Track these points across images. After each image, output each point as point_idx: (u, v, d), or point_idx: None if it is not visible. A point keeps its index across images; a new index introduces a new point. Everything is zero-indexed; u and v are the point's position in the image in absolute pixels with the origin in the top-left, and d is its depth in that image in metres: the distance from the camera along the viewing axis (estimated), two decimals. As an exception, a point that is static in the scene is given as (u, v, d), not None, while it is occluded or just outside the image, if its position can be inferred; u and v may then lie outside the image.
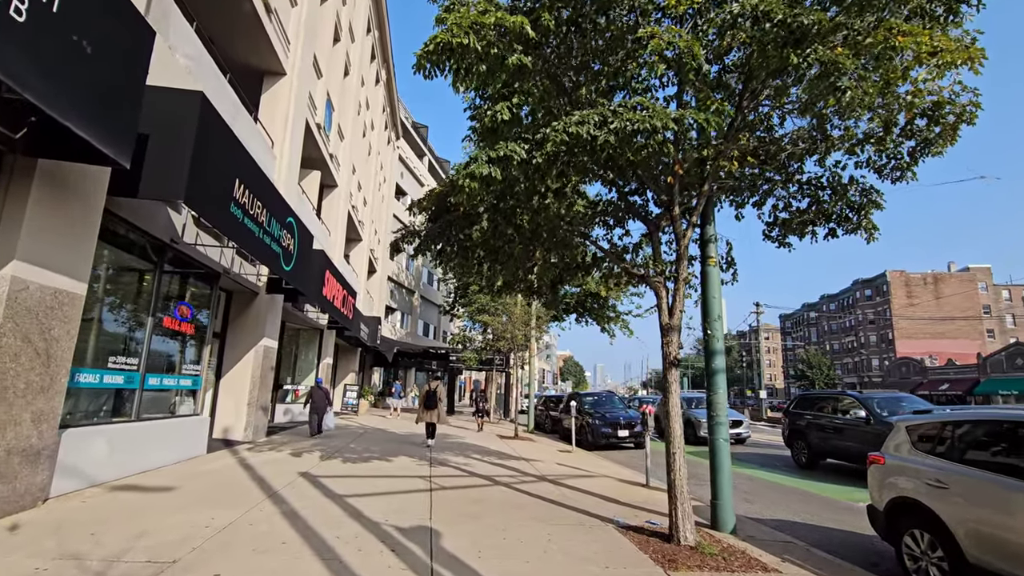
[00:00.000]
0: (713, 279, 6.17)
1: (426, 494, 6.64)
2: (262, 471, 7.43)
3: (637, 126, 4.02)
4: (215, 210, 6.38)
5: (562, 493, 7.31)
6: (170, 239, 7.31)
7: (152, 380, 7.25)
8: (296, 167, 12.44)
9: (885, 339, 65.63)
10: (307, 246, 10.80)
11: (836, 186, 6.09)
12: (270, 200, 8.35)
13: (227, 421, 10.43)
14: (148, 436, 7.02)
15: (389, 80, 28.83)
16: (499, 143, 4.86)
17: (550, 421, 20.37)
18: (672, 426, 5.24)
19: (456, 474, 8.40)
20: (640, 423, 14.89)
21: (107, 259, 6.34)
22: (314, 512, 5.33)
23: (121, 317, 6.79)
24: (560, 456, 11.90)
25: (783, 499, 8.29)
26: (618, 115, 4.15)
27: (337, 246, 18.22)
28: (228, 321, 10.84)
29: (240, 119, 9.15)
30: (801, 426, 11.60)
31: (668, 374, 5.37)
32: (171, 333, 7.90)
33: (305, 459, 8.84)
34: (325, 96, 15.46)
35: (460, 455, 10.69)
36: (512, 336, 16.94)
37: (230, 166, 6.79)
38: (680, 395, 5.48)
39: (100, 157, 4.40)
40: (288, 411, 15.89)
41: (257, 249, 8.01)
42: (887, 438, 5.27)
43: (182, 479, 6.52)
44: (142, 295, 7.11)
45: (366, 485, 7.00)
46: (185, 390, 8.37)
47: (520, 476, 8.60)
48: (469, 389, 55.84)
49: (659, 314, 5.56)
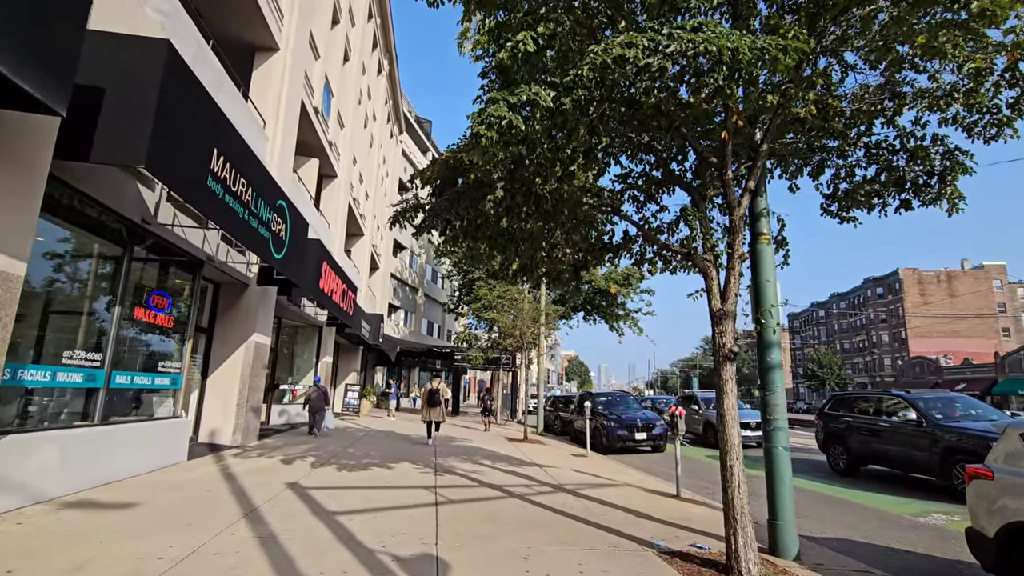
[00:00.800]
0: (766, 259, 5.25)
1: (431, 510, 5.75)
2: (245, 481, 6.55)
3: (703, 47, 3.11)
4: (187, 182, 5.50)
5: (585, 507, 6.41)
6: (141, 218, 6.45)
7: (120, 378, 6.39)
8: (291, 151, 11.58)
9: (898, 338, 64.34)
10: (301, 234, 9.93)
11: (914, 148, 5.16)
12: (257, 179, 7.49)
13: (214, 424, 9.57)
14: (114, 442, 6.15)
15: (392, 71, 28.00)
16: (520, 87, 3.96)
17: (560, 422, 19.46)
18: (729, 433, 4.33)
19: (464, 483, 7.51)
20: (659, 425, 13.97)
21: (61, 238, 5.49)
22: (297, 536, 4.45)
23: (80, 306, 5.92)
24: (575, 461, 10.99)
25: (833, 512, 7.36)
26: (676, 37, 3.24)
27: (337, 239, 17.37)
28: (216, 315, 9.99)
29: (225, 91, 8.29)
30: (838, 429, 10.64)
31: (722, 369, 4.45)
32: (145, 326, 7.05)
33: (296, 467, 7.97)
34: (323, 80, 14.61)
35: (467, 461, 9.80)
36: (521, 333, 16.02)
37: (206, 134, 5.93)
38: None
39: (26, 99, 3.53)
40: (284, 412, 15.03)
41: (242, 232, 7.14)
42: (994, 447, 4.35)
43: (149, 492, 5.65)
44: (107, 281, 6.24)
45: (362, 498, 6.12)
46: (162, 390, 7.51)
47: (535, 486, 7.70)
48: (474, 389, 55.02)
49: (709, 299, 4.65)
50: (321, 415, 13.16)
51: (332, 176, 17.27)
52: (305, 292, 11.83)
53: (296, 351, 16.94)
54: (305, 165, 14.94)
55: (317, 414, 12.98)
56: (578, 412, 16.35)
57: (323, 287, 12.10)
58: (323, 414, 13.33)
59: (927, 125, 5.07)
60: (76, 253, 5.81)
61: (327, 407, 13.86)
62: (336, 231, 17.37)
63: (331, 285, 12.88)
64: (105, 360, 6.03)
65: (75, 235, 5.70)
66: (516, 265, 6.20)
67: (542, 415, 18.95)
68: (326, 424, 13.79)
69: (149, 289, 7.12)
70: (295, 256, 9.47)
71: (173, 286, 7.75)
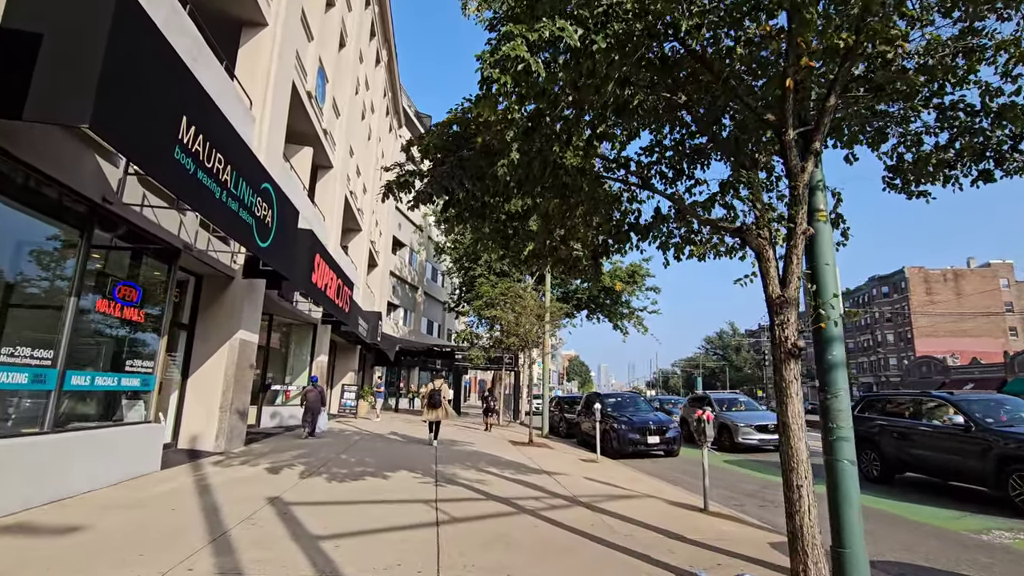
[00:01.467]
0: (824, 240, 4.46)
1: (431, 530, 4.98)
2: (221, 496, 5.78)
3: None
4: (148, 151, 4.73)
5: (608, 526, 5.63)
6: (102, 198, 5.67)
7: (78, 379, 5.61)
8: (280, 134, 10.81)
9: (903, 337, 63.58)
10: (290, 222, 9.16)
11: (1000, 109, 4.38)
12: (238, 157, 6.72)
13: (195, 428, 8.80)
14: (68, 452, 5.38)
15: (391, 62, 27.22)
16: (542, 22, 3.20)
17: (565, 424, 18.68)
18: (795, 446, 3.56)
19: (469, 496, 6.74)
20: (673, 428, 13.20)
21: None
22: (269, 572, 3.68)
23: (25, 297, 5.15)
24: (585, 467, 10.22)
25: (881, 528, 6.57)
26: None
27: (333, 233, 16.60)
28: (198, 310, 9.21)
29: (204, 63, 7.52)
30: (871, 433, 9.85)
31: (784, 368, 3.68)
32: (110, 320, 6.27)
33: (283, 476, 7.20)
34: (317, 63, 13.83)
35: (471, 468, 9.03)
36: (526, 331, 15.24)
37: (175, 100, 5.16)
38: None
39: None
40: (276, 414, 14.26)
41: (220, 216, 6.38)
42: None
43: (103, 512, 4.88)
44: (60, 269, 5.47)
45: (353, 517, 5.35)
46: (132, 391, 6.74)
47: (547, 498, 6.93)
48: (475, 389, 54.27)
49: (765, 285, 3.88)
50: (317, 415, 12.62)
51: (327, 167, 16.50)
52: (296, 286, 11.06)
53: (290, 350, 16.17)
54: (299, 153, 14.17)
55: (313, 415, 12.46)
56: (585, 414, 15.58)
57: (316, 281, 11.32)
58: (319, 415, 12.72)
59: (1018, 79, 4.28)
60: (20, 235, 5.03)
61: (324, 408, 13.17)
62: (332, 225, 16.59)
63: (325, 279, 12.10)
64: (57, 358, 5.25)
65: (18, 214, 4.92)
66: (528, 251, 5.42)
67: (547, 417, 18.15)
68: (319, 426, 13.08)
69: (115, 279, 6.34)
70: (283, 246, 8.70)
71: (145, 277, 6.98)
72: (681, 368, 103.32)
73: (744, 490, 8.92)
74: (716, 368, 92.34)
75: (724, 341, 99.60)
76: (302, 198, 12.76)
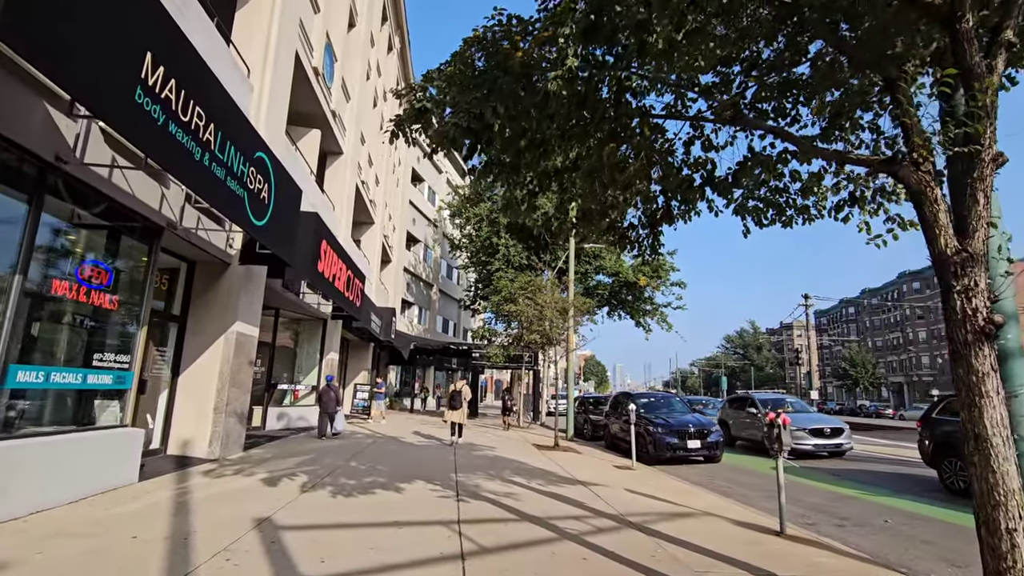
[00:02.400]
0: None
1: (456, 567, 3.90)
2: (199, 518, 4.76)
3: None
4: (93, 85, 3.73)
5: (673, 556, 4.49)
6: (54, 155, 4.69)
7: (27, 375, 4.63)
8: (282, 108, 9.84)
9: (937, 335, 61.01)
10: (291, 200, 8.17)
11: None
12: (223, 115, 5.72)
13: (186, 432, 7.84)
14: (13, 464, 4.40)
15: (403, 50, 26.30)
16: None
17: (590, 426, 17.50)
18: (998, 471, 2.39)
19: (497, 515, 5.65)
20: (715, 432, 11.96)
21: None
22: (234, 640, 2.62)
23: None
24: (622, 476, 9.06)
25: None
26: None
27: (343, 224, 15.65)
28: (190, 300, 8.26)
29: (191, 17, 6.55)
30: (954, 439, 8.56)
31: (972, 355, 2.51)
32: (72, 306, 5.30)
33: (280, 489, 6.18)
34: (324, 38, 12.88)
35: (495, 477, 7.94)
36: (551, 323, 14.10)
37: (135, 29, 4.16)
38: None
39: None
40: (284, 415, 13.33)
41: (201, 181, 5.39)
42: None
43: (46, 540, 3.88)
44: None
45: (356, 545, 4.29)
46: (103, 390, 5.78)
47: (590, 517, 5.81)
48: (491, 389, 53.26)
49: (929, 238, 2.72)
50: (332, 416, 11.88)
51: (337, 153, 15.56)
52: (300, 274, 10.09)
53: (298, 347, 15.26)
54: (305, 136, 13.24)
55: (329, 415, 11.80)
56: (613, 415, 14.41)
57: (322, 270, 10.33)
58: (335, 415, 11.91)
59: None
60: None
61: (340, 408, 12.30)
62: (342, 215, 15.65)
63: (333, 269, 11.11)
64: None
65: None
66: (574, 212, 4.30)
67: (572, 418, 17.00)
68: (337, 427, 12.18)
69: (78, 257, 5.37)
70: (283, 226, 7.70)
71: (120, 257, 6.01)
72: (700, 368, 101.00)
73: (810, 504, 7.69)
74: (737, 367, 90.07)
75: (745, 340, 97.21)
76: (309, 183, 11.80)
